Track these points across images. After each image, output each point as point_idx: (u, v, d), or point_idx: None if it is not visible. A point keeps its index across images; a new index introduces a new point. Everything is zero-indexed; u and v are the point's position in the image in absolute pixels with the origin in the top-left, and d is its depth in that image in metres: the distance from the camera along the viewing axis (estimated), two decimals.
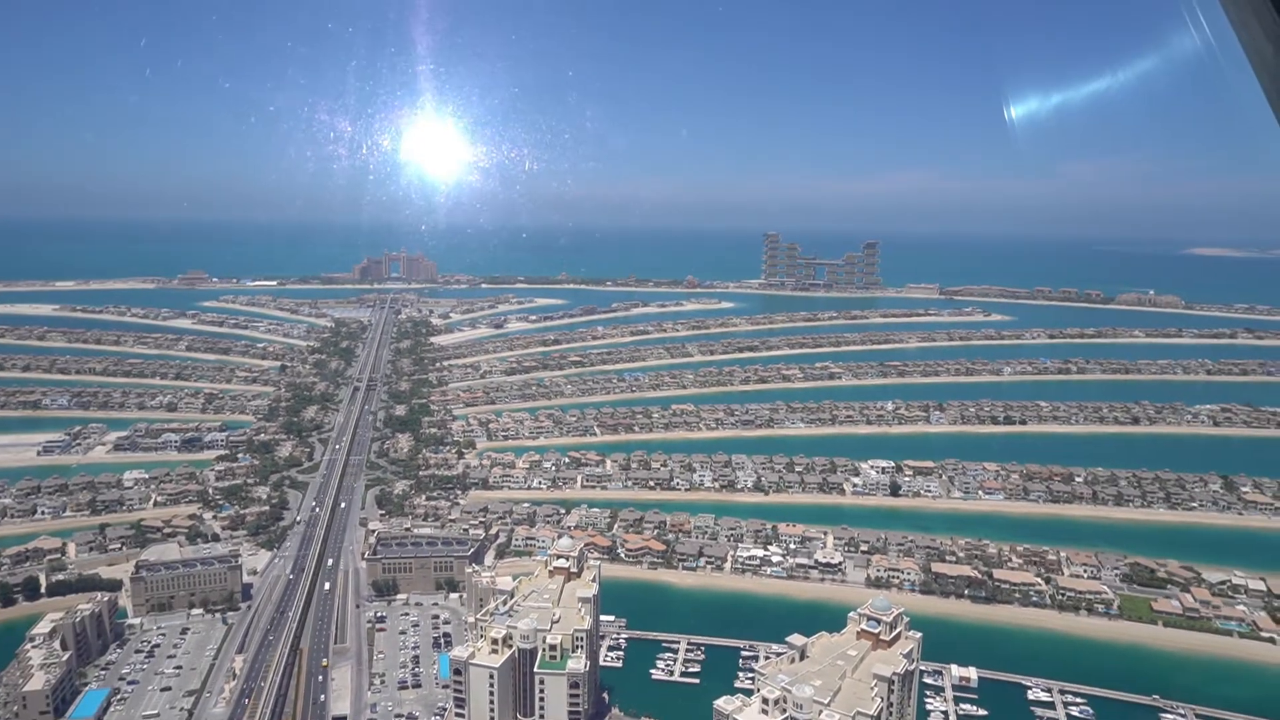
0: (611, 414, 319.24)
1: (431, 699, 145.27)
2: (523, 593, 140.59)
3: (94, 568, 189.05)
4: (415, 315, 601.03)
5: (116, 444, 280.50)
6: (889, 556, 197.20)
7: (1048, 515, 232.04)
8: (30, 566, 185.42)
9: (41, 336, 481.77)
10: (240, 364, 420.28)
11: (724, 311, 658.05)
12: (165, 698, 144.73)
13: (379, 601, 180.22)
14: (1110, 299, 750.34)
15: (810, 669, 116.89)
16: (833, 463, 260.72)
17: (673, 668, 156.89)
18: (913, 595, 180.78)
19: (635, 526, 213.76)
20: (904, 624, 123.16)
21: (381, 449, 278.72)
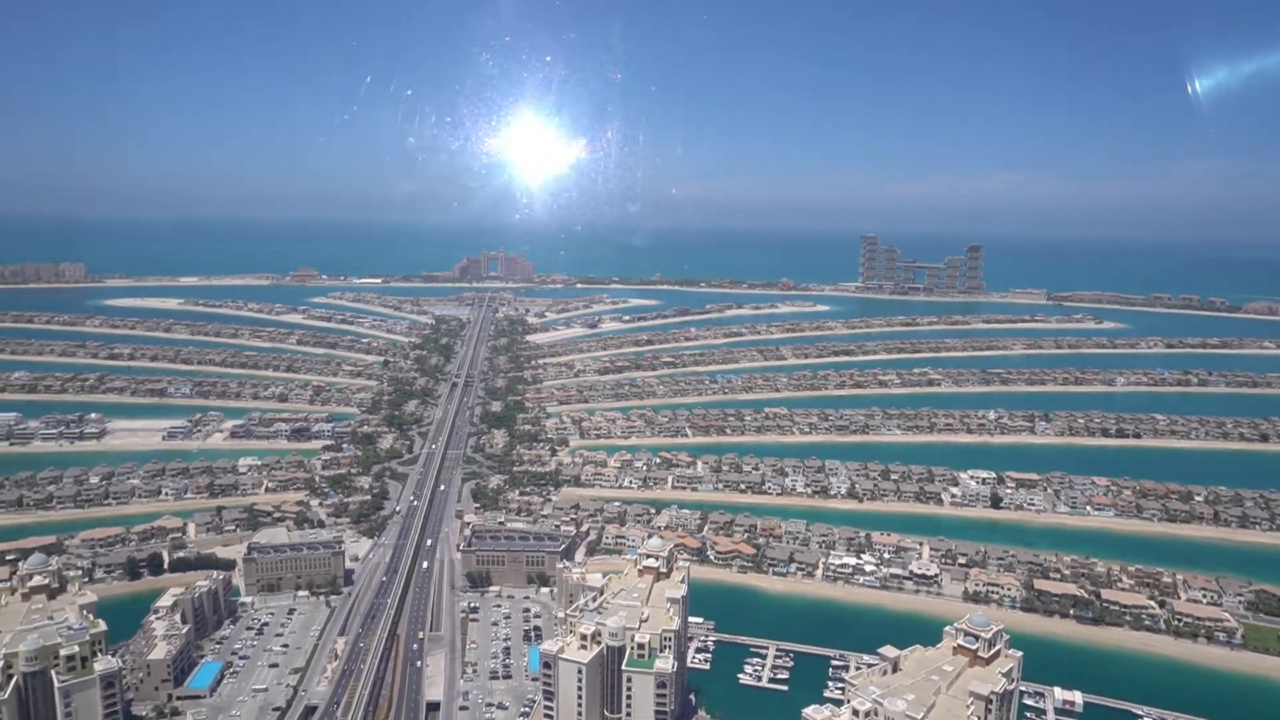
0: (703, 415, 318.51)
1: (521, 690, 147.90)
2: (612, 590, 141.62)
3: (211, 547, 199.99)
4: (512, 314, 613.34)
5: (233, 431, 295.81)
6: (988, 571, 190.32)
7: (1163, 535, 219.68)
8: (155, 544, 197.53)
9: (168, 329, 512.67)
10: (346, 358, 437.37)
11: (819, 314, 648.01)
12: (273, 674, 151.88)
13: (472, 592, 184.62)
14: (1236, 308, 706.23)
15: (903, 682, 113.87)
16: (930, 471, 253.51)
17: (761, 673, 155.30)
18: (1013, 612, 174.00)
19: (725, 529, 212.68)
20: (1004, 641, 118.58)
21: (478, 444, 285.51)
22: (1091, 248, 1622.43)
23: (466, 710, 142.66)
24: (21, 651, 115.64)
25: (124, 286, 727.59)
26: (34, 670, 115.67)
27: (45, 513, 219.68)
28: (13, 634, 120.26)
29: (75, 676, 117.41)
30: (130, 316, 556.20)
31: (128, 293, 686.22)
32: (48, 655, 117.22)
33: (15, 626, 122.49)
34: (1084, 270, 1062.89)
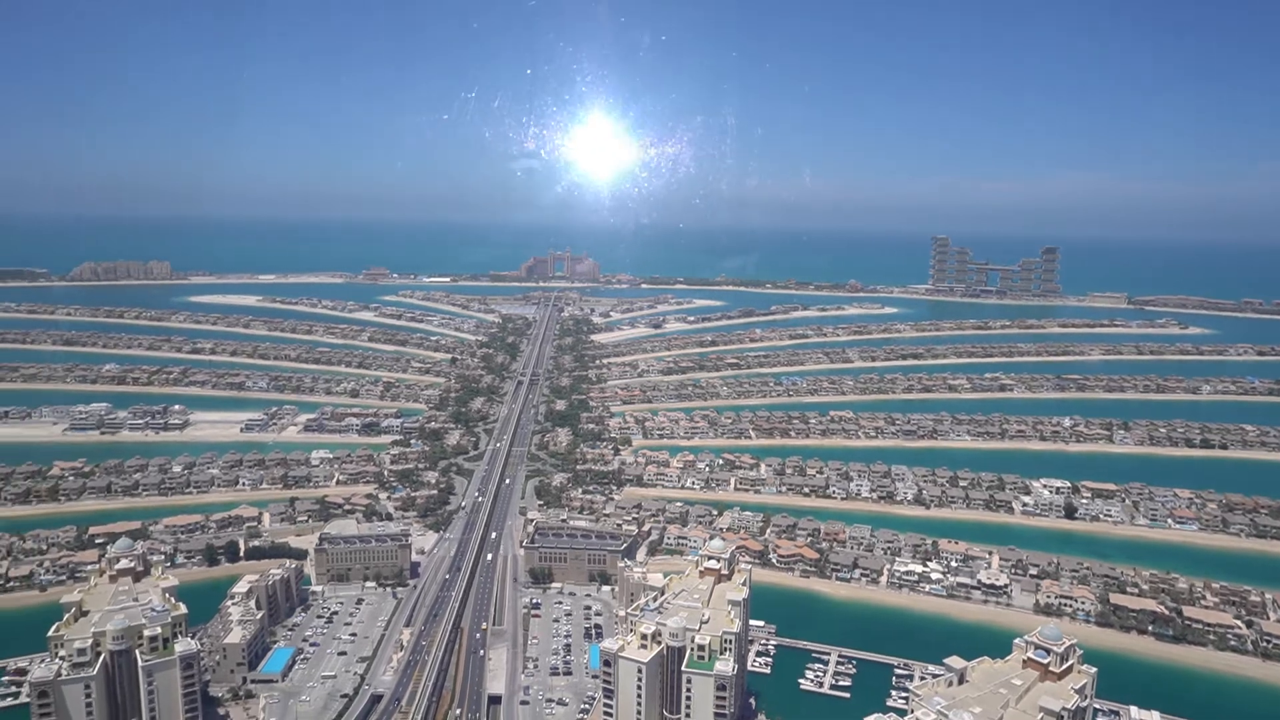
0: (767, 417, 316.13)
1: (581, 687, 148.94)
2: (673, 590, 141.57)
3: (284, 537, 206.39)
4: (577, 313, 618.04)
5: (306, 425, 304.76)
6: (1061, 583, 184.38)
7: (1251, 551, 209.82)
8: (232, 532, 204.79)
9: (247, 325, 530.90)
10: (415, 355, 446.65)
11: (887, 317, 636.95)
12: (341, 661, 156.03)
13: (534, 588, 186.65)
14: None
15: (969, 694, 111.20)
16: (1001, 479, 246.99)
17: (822, 679, 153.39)
18: (1087, 626, 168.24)
19: (788, 532, 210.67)
20: (1076, 656, 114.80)
21: (542, 442, 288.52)
22: (1175, 250, 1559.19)
23: (527, 705, 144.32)
24: (109, 631, 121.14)
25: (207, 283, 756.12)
26: (120, 649, 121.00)
27: (132, 499, 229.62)
28: (101, 614, 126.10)
29: (157, 656, 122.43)
30: (212, 312, 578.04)
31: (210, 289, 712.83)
32: (133, 635, 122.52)
33: (104, 607, 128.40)
34: (1167, 273, 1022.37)
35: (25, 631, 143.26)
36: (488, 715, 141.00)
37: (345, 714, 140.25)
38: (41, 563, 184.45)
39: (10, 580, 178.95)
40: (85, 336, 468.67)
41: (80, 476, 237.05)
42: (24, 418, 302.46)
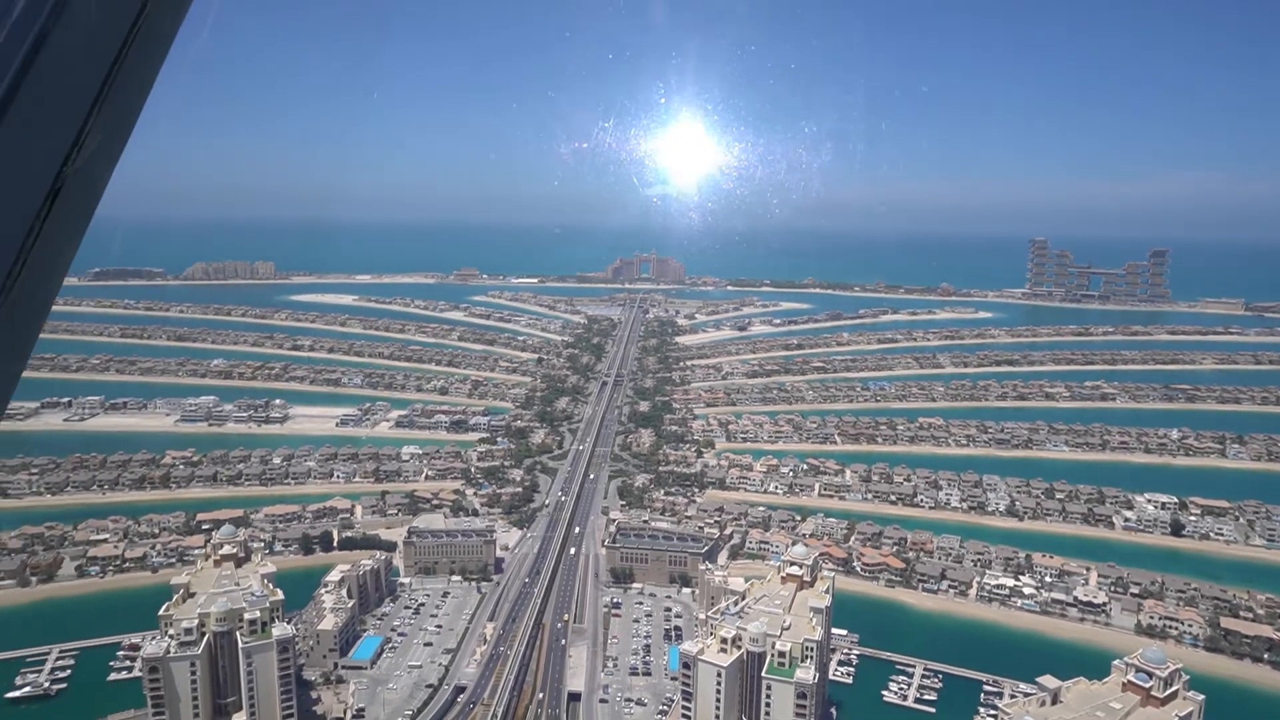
0: (854, 423, 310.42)
1: (660, 688, 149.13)
2: (754, 595, 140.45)
3: (375, 529, 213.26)
4: (662, 315, 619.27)
5: (397, 421, 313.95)
6: (1165, 603, 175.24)
7: None
8: (326, 522, 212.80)
9: (343, 323, 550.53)
10: (503, 355, 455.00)
11: (981, 322, 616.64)
12: (427, 652, 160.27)
13: (615, 588, 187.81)
14: None
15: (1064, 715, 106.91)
16: (1100, 492, 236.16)
17: (906, 692, 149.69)
18: (1194, 651, 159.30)
19: (873, 541, 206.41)
20: (1182, 682, 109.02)
21: (625, 442, 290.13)
22: None
23: (606, 703, 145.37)
24: (213, 613, 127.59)
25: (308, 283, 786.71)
26: (223, 630, 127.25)
27: (235, 488, 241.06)
28: (206, 596, 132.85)
29: (256, 639, 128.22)
30: (311, 311, 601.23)
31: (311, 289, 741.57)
32: (234, 618, 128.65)
33: (208, 589, 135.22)
34: None
35: (139, 609, 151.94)
36: (567, 712, 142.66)
37: (429, 704, 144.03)
38: (154, 545, 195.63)
39: (126, 561, 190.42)
40: (196, 333, 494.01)
41: (189, 465, 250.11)
42: (140, 408, 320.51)
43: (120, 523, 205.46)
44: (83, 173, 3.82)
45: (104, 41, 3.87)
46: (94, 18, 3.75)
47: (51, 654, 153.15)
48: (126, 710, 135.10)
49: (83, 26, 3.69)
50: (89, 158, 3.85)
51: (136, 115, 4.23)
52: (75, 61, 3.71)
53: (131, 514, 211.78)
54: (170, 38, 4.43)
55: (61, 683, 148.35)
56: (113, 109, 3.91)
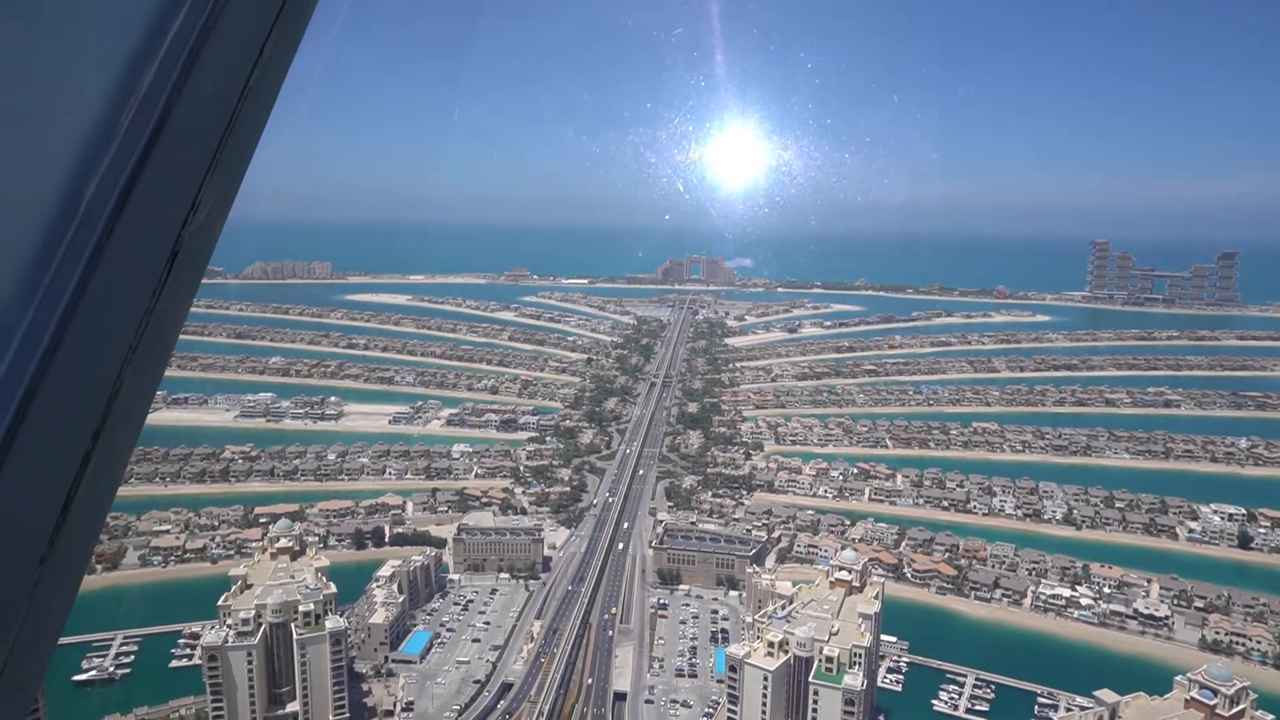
0: (905, 427, 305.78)
1: (706, 691, 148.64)
2: (802, 600, 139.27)
3: (425, 525, 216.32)
4: (711, 316, 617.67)
5: (448, 419, 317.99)
6: (1232, 619, 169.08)
7: None
8: (378, 518, 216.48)
9: (397, 322, 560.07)
10: (552, 355, 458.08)
11: (1038, 325, 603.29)
12: (475, 648, 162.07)
13: (662, 589, 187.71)
14: None
15: None
16: (1163, 501, 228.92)
17: (957, 702, 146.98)
18: (1263, 669, 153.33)
19: (924, 547, 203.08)
20: (1249, 701, 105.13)
21: (673, 444, 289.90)
22: None
23: (651, 704, 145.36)
24: (269, 604, 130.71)
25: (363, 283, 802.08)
26: (278, 621, 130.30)
27: (291, 483, 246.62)
28: (263, 588, 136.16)
29: (310, 631, 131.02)
30: (367, 310, 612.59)
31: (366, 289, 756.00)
32: (289, 610, 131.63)
33: (265, 582, 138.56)
34: None
35: (198, 599, 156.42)
36: (612, 712, 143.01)
37: (476, 699, 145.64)
38: (213, 537, 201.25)
39: (187, 552, 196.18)
40: (255, 331, 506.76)
41: (248, 460, 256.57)
42: (201, 404, 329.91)
43: (181, 514, 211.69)
44: (199, 233, 4.21)
45: (219, 108, 4.27)
46: (209, 88, 4.17)
47: (116, 640, 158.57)
48: (186, 697, 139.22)
49: (200, 97, 4.11)
50: (204, 219, 4.22)
51: (244, 171, 4.60)
52: (194, 130, 4.10)
53: (192, 506, 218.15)
54: (277, 91, 4.84)
55: (126, 668, 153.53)
56: (225, 169, 4.29)
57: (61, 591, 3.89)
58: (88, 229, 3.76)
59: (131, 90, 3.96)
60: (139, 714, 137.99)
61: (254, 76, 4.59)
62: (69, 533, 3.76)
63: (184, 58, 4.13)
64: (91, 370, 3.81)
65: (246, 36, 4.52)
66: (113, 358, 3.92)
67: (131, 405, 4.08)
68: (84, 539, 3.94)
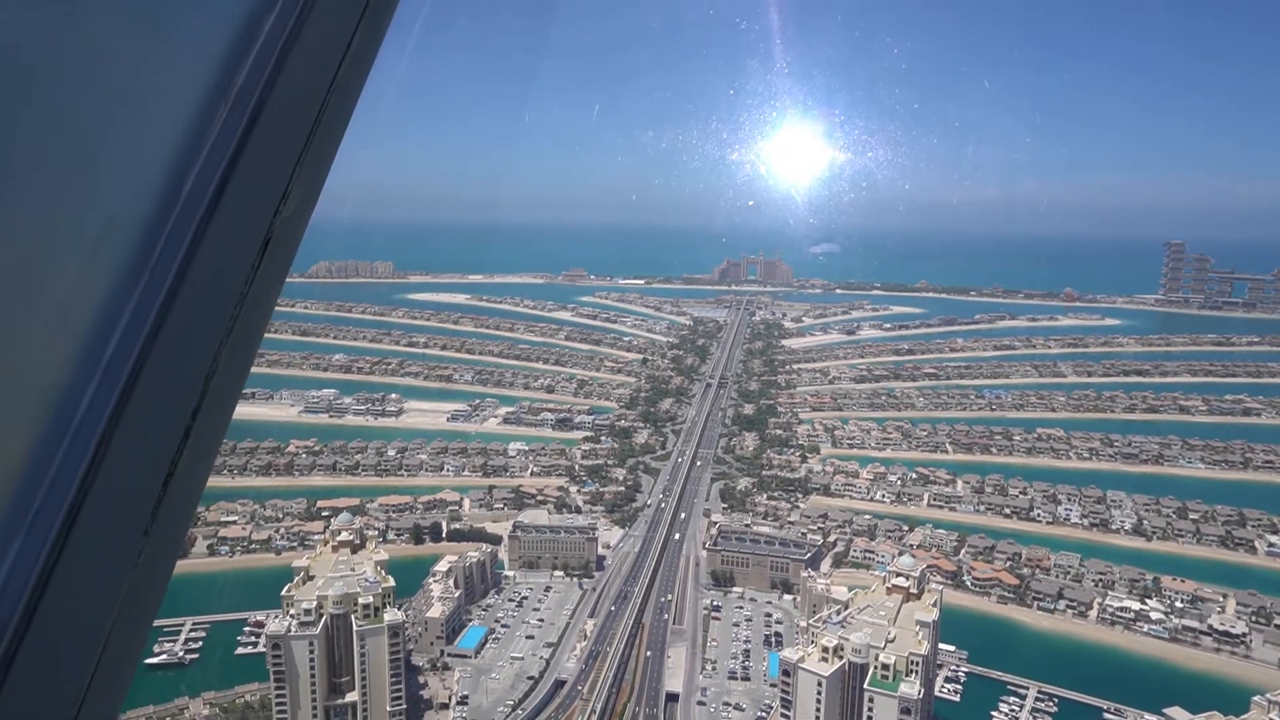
0: (966, 432, 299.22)
1: (759, 694, 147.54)
2: (857, 605, 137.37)
3: (481, 522, 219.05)
4: (768, 317, 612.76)
5: (505, 418, 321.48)
6: None
7: None
8: (436, 514, 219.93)
9: (456, 321, 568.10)
10: (608, 355, 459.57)
11: (1108, 329, 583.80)
12: (529, 644, 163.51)
13: (715, 591, 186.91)
14: None
15: None
16: (1241, 514, 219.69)
17: (1018, 714, 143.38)
18: None
19: (985, 555, 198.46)
20: None
21: (728, 445, 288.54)
22: None
23: (703, 705, 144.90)
24: (330, 596, 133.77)
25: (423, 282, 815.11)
26: (339, 613, 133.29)
27: (352, 478, 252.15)
28: (324, 580, 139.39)
29: (369, 623, 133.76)
30: (427, 309, 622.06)
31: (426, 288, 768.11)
32: (349, 602, 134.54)
33: (326, 574, 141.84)
34: None
35: (263, 589, 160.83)
36: (664, 712, 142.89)
37: (530, 695, 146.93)
38: (278, 529, 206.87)
39: (253, 543, 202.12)
40: (319, 328, 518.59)
41: (311, 455, 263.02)
42: (267, 399, 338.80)
43: (248, 506, 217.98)
44: (289, 221, 4.45)
45: (307, 102, 4.53)
46: (299, 84, 4.44)
47: (185, 625, 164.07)
48: (251, 683, 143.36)
49: (290, 92, 4.37)
50: (293, 209, 4.47)
51: (331, 162, 4.87)
52: (285, 123, 4.34)
53: (257, 498, 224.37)
54: (361, 86, 5.06)
55: (194, 653, 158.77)
56: (313, 161, 4.54)
57: (162, 564, 4.07)
58: (187, 217, 4.01)
59: (228, 85, 4.22)
60: (206, 698, 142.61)
61: (340, 72, 4.77)
62: (169, 506, 3.94)
63: (276, 54, 4.38)
64: (191, 351, 4.03)
65: (334, 34, 4.72)
66: (211, 339, 4.13)
67: (227, 385, 4.27)
68: (183, 514, 4.13)
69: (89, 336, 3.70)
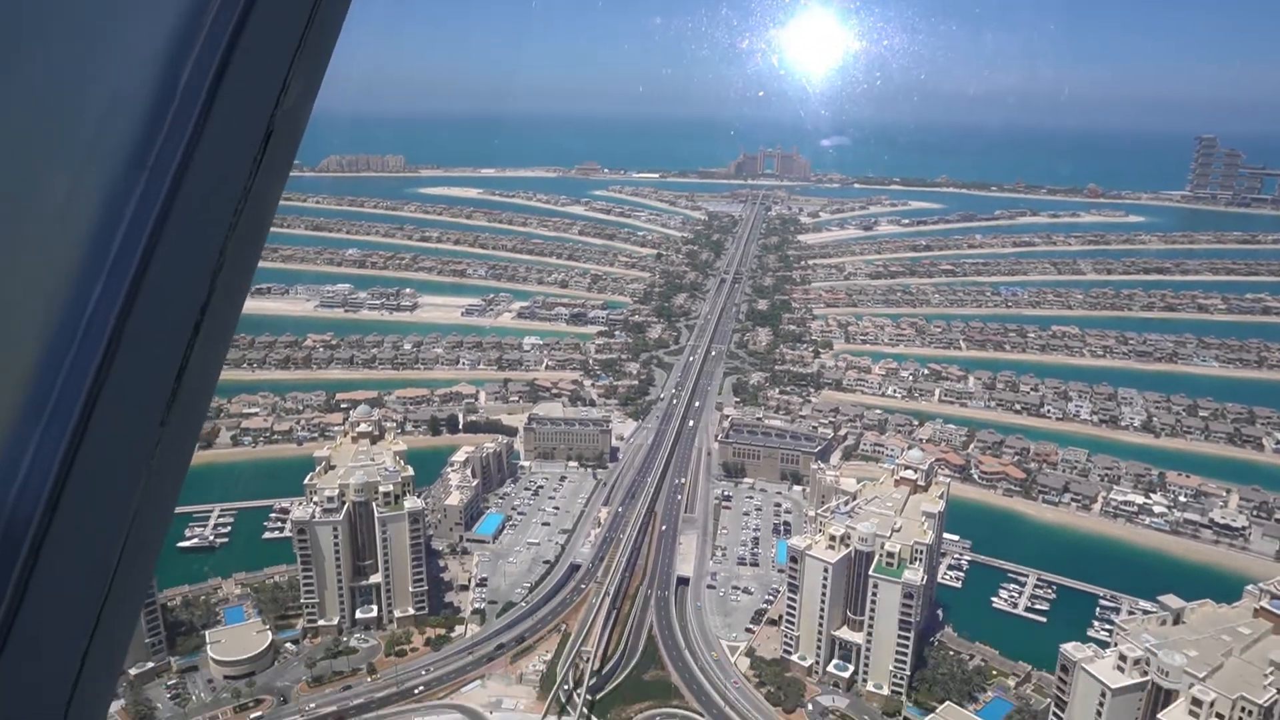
0: (981, 328, 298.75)
1: (766, 579, 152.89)
2: (865, 496, 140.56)
3: (497, 414, 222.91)
4: (784, 212, 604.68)
5: (519, 312, 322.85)
6: None
7: None
8: (452, 406, 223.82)
9: (468, 215, 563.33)
10: (622, 250, 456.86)
11: (1131, 226, 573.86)
12: (545, 531, 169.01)
13: (726, 482, 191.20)
14: None
15: (1185, 636, 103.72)
16: (1251, 412, 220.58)
17: (1017, 600, 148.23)
18: None
19: (993, 449, 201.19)
20: None
21: (741, 340, 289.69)
22: None
23: (713, 589, 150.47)
24: (351, 484, 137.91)
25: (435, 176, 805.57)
26: (361, 500, 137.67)
27: (369, 371, 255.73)
28: (345, 469, 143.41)
29: (390, 510, 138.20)
30: (439, 203, 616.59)
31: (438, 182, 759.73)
32: (370, 490, 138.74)
33: (347, 463, 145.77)
34: None
35: (286, 477, 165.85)
36: (675, 595, 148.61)
37: (546, 578, 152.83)
38: (298, 421, 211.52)
39: (274, 434, 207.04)
40: (331, 223, 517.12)
41: (328, 349, 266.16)
42: (283, 294, 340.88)
43: (268, 399, 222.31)
44: (289, 114, 4.42)
45: None
46: None
47: (214, 512, 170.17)
48: (279, 565, 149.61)
49: None
50: (293, 101, 4.44)
51: (330, 52, 4.81)
52: (279, 14, 4.28)
53: (277, 391, 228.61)
54: None
55: (224, 538, 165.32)
56: (312, 51, 4.49)
57: (180, 454, 4.16)
58: (186, 111, 4.01)
59: None
60: (237, 579, 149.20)
61: None
62: (184, 398, 4.04)
63: None
64: (197, 245, 4.07)
65: None
66: (216, 233, 4.17)
67: (234, 279, 4.31)
68: (198, 404, 4.22)
69: (93, 233, 3.74)
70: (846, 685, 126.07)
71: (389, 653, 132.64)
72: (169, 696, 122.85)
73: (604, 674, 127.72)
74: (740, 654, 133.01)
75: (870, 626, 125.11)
